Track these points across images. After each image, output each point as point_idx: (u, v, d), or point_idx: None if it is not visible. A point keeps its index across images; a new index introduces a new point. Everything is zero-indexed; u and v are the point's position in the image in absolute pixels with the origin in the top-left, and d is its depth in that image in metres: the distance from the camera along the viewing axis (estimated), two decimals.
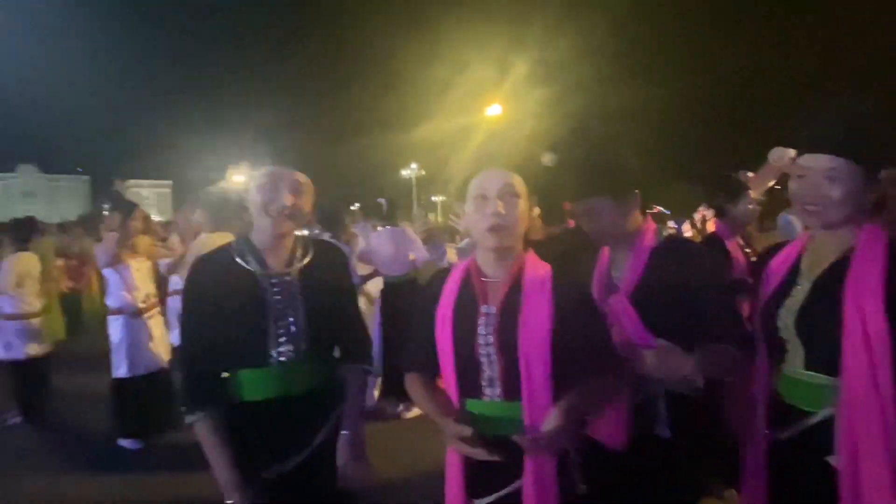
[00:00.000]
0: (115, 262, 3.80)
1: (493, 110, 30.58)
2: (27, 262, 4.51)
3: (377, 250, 4.49)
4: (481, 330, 1.28)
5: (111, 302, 3.89)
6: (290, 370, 1.43)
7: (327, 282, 1.52)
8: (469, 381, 1.29)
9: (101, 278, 4.66)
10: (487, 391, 1.28)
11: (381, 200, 4.74)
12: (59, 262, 6.45)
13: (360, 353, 1.62)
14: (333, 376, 1.55)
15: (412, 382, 1.42)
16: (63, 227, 8.95)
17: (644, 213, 1.63)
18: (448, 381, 1.31)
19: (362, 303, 5.87)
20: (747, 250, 2.81)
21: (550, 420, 1.18)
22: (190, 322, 1.47)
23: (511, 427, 1.23)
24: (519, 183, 1.30)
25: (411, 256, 4.49)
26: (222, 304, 1.41)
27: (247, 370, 1.42)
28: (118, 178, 4.85)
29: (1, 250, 4.68)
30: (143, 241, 4.11)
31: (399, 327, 4.24)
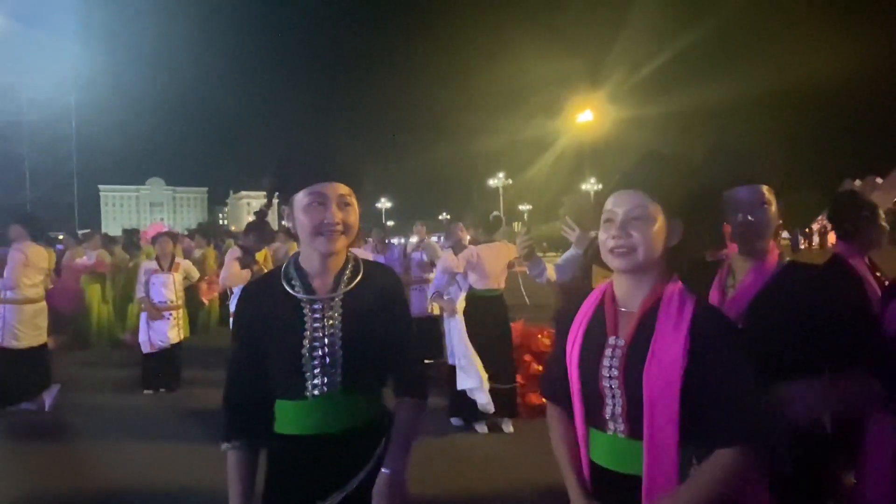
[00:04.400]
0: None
1: (585, 116, 29.78)
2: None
3: (481, 264, 4.26)
4: (605, 363, 1.20)
5: (233, 306, 4.34)
6: (325, 405, 1.31)
7: (374, 308, 1.37)
8: (594, 412, 1.22)
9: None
10: (611, 425, 1.20)
11: (498, 214, 4.58)
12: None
13: (413, 386, 1.43)
14: (379, 413, 1.41)
15: (551, 416, 1.37)
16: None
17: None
18: (575, 409, 1.26)
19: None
20: (877, 273, 2.45)
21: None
22: (235, 348, 1.41)
23: (633, 465, 1.16)
24: (653, 204, 1.18)
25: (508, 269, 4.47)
26: (266, 331, 1.35)
27: (284, 401, 1.34)
28: (232, 189, 5.41)
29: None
30: (261, 255, 4.56)
31: (485, 342, 4.15)
